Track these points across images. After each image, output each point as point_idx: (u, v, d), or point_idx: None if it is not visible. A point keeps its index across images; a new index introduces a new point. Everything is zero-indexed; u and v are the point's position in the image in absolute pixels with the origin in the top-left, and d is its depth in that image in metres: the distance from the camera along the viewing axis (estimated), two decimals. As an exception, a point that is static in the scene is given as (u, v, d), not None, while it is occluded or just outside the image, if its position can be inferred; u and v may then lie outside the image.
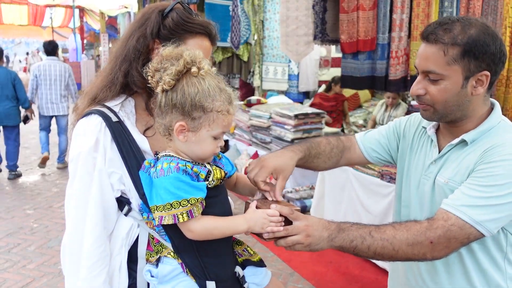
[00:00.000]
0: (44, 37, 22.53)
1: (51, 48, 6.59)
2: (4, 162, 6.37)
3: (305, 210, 4.91)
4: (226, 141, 6.62)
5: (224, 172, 1.24)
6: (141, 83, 1.26)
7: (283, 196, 5.09)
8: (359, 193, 3.79)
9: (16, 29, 21.40)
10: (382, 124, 5.75)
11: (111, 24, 17.10)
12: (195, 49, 1.19)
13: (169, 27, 1.28)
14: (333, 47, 7.34)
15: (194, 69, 1.13)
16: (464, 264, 1.33)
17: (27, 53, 28.00)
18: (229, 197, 1.38)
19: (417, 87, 1.33)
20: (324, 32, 4.40)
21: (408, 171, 1.49)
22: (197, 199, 1.12)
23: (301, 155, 1.46)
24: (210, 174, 1.18)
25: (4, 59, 6.72)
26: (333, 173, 4.08)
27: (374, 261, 3.69)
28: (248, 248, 1.34)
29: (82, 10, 19.94)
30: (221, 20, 6.40)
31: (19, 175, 6.35)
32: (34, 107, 6.66)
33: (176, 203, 1.10)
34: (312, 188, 4.95)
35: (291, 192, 5.11)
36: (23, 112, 6.33)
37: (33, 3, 17.68)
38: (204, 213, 1.16)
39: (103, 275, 1.20)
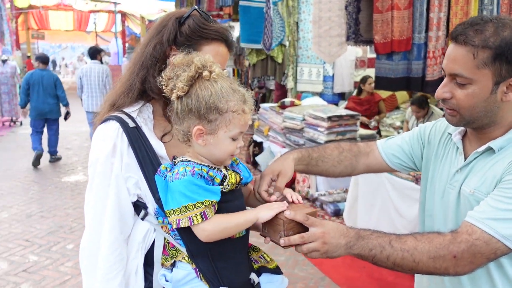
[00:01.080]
0: (89, 41, 23.35)
1: (91, 53, 7.76)
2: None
3: (338, 213, 4.84)
4: (260, 143, 6.62)
5: (240, 177, 1.23)
6: (158, 89, 1.28)
7: (316, 200, 5.04)
8: (393, 197, 3.69)
9: (63, 35, 22.34)
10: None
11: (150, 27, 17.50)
12: (206, 54, 1.20)
13: (185, 34, 1.29)
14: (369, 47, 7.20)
15: (205, 73, 1.14)
16: (492, 279, 1.26)
17: (77, 58, 29.19)
18: None
19: (442, 90, 1.26)
20: (358, 32, 4.32)
21: (432, 180, 1.42)
22: (211, 202, 1.12)
23: (297, 155, 1.45)
24: (225, 179, 1.18)
25: (50, 64, 8.01)
26: (367, 176, 4.00)
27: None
28: (264, 255, 1.32)
29: (124, 15, 20.57)
30: (255, 22, 6.43)
31: (59, 158, 7.61)
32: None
33: (191, 205, 1.11)
34: (346, 191, 4.87)
35: (324, 195, 5.05)
36: (64, 109, 7.54)
37: (77, 9, 18.39)
38: None
39: (119, 277, 1.22)
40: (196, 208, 1.11)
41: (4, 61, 11.25)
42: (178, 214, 1.12)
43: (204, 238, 1.15)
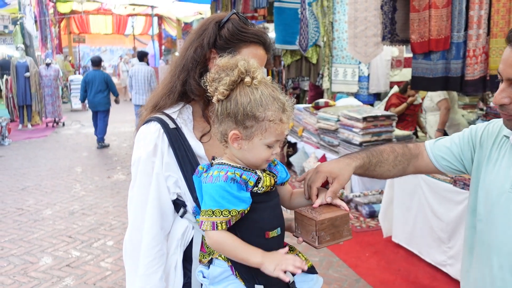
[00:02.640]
0: (127, 44, 23.94)
1: (139, 56, 9.49)
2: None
3: (373, 215, 4.78)
4: (294, 144, 6.63)
5: (275, 179, 1.25)
6: (198, 91, 1.32)
7: (351, 201, 4.99)
8: (430, 200, 3.62)
9: (102, 38, 23.04)
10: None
11: (186, 30, 17.82)
12: (250, 58, 1.21)
13: (225, 37, 1.33)
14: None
15: (247, 79, 1.16)
16: None
17: (120, 57, 30.03)
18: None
19: (501, 96, 1.21)
20: (394, 32, 4.26)
21: (484, 183, 1.36)
22: (239, 211, 1.14)
23: (360, 162, 1.41)
24: (260, 181, 1.20)
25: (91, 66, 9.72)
26: (403, 178, 3.92)
27: (445, 270, 3.50)
28: (299, 254, 1.33)
29: (160, 18, 21.00)
30: (290, 23, 6.43)
31: (107, 146, 9.10)
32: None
33: (218, 211, 1.13)
34: (381, 192, 4.81)
35: (359, 196, 5.00)
36: (113, 98, 9.36)
37: (116, 13, 18.93)
38: (253, 217, 1.19)
39: (159, 272, 1.28)
40: (223, 215, 1.13)
41: (48, 65, 11.74)
42: (203, 216, 1.15)
43: (207, 243, 1.21)
